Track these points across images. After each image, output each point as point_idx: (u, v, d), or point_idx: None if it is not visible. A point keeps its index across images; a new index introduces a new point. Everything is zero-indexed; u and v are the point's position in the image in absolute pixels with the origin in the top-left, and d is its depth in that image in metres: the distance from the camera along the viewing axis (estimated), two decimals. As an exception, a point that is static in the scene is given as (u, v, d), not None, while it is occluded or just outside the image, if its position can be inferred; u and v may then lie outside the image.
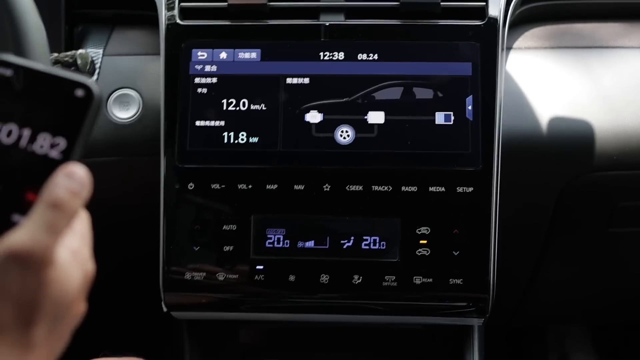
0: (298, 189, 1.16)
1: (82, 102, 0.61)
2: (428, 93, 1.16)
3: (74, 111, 0.61)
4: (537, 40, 1.32)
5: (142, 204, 1.24)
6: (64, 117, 0.61)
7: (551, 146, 1.23)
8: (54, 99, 0.62)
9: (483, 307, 1.17)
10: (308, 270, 1.16)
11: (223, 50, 1.19)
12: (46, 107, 0.62)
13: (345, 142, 1.15)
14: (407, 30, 1.19)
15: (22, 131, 0.61)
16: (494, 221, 1.15)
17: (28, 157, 0.61)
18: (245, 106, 1.17)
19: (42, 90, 0.62)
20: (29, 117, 0.61)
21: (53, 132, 0.61)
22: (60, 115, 0.62)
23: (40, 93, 0.62)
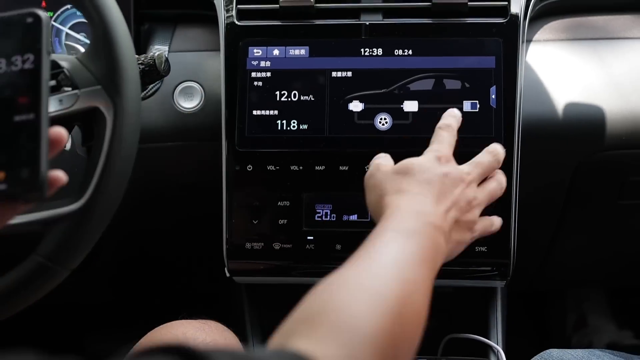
0: (343, 169, 1.26)
1: (34, 25, 0.73)
2: (456, 84, 1.26)
3: (30, 33, 0.73)
4: (554, 33, 1.41)
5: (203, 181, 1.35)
6: (24, 40, 0.73)
7: (566, 128, 1.32)
8: (14, 31, 0.73)
9: (505, 271, 1.27)
10: (352, 240, 1.21)
11: (276, 48, 1.29)
12: (10, 39, 0.73)
13: (384, 128, 1.26)
14: (438, 28, 1.28)
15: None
16: (514, 196, 1.25)
17: (10, 75, 0.72)
18: (296, 97, 1.27)
19: (4, 28, 0.74)
20: (1, 49, 0.73)
21: (22, 52, 0.72)
22: (22, 40, 0.73)
23: (3, 31, 0.74)
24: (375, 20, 1.30)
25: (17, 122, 0.70)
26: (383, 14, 1.31)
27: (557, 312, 1.99)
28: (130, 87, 0.97)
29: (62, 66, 0.96)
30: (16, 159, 0.70)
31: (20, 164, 0.70)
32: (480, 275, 1.29)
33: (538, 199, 1.40)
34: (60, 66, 0.95)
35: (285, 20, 1.31)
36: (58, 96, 0.94)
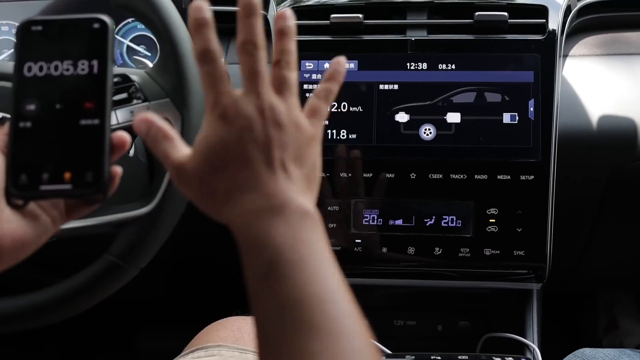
0: (389, 177, 1.32)
1: (101, 31, 0.73)
2: (497, 97, 1.31)
3: (97, 39, 0.73)
4: (590, 48, 1.46)
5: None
6: (91, 45, 0.73)
7: (600, 139, 1.36)
8: (80, 35, 0.73)
9: (541, 274, 1.33)
10: (397, 243, 1.33)
11: (326, 62, 1.34)
12: (77, 42, 0.73)
13: (428, 138, 1.32)
14: (480, 44, 1.34)
15: (65, 63, 0.73)
16: (551, 203, 1.30)
17: (76, 79, 0.73)
18: (346, 108, 1.34)
19: (70, 32, 0.73)
20: (66, 52, 0.73)
21: (87, 57, 0.73)
22: (88, 45, 0.73)
23: (69, 34, 0.73)
24: (420, 36, 1.35)
25: (83, 126, 0.72)
26: (428, 30, 1.36)
27: (589, 314, 2.03)
28: (196, 100, 1.04)
29: (133, 80, 1.03)
30: (81, 161, 0.73)
31: (85, 167, 0.72)
32: (517, 278, 1.35)
33: (573, 205, 1.44)
34: (131, 80, 1.03)
35: (335, 36, 1.37)
36: (129, 107, 1.01)
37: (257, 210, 0.69)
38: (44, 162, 0.72)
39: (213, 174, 0.72)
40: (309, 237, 0.70)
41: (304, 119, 0.77)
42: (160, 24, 1.03)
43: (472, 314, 1.52)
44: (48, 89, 0.74)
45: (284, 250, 0.67)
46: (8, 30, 1.49)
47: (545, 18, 1.34)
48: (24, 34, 0.75)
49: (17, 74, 0.74)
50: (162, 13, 1.03)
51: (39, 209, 0.74)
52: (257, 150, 0.72)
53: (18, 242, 0.72)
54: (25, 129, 0.73)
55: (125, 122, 0.99)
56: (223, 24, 1.48)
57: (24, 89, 0.74)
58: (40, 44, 0.75)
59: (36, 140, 0.73)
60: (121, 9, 1.04)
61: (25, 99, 0.74)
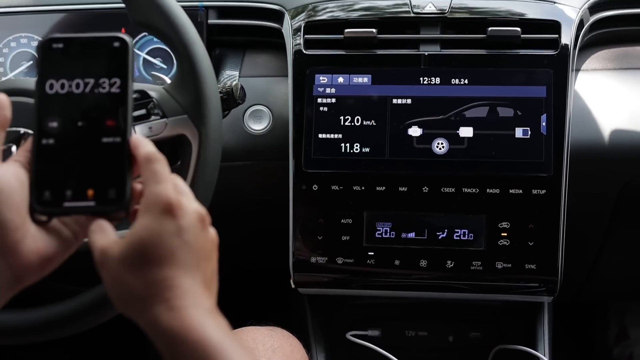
0: (402, 190, 1.33)
1: (121, 50, 0.76)
2: (509, 112, 1.32)
3: (118, 57, 0.75)
4: (602, 62, 1.46)
5: (270, 199, 1.44)
6: (112, 63, 0.75)
7: (611, 153, 1.37)
8: (101, 54, 0.75)
9: (553, 288, 1.34)
10: (410, 256, 1.33)
11: (340, 75, 1.36)
12: (98, 60, 0.75)
13: (441, 152, 1.33)
14: (493, 59, 1.34)
15: (87, 81, 0.75)
16: (562, 217, 1.31)
17: (97, 97, 0.75)
18: (359, 122, 1.35)
19: (91, 50, 0.76)
20: (88, 70, 0.75)
21: (109, 76, 0.75)
22: (109, 63, 0.75)
23: (90, 53, 0.76)
24: (433, 50, 1.37)
25: (105, 144, 0.74)
26: (441, 44, 1.37)
27: (599, 324, 2.03)
28: (214, 116, 1.05)
29: (152, 96, 1.04)
30: (104, 178, 0.74)
31: (108, 184, 0.74)
32: (529, 291, 1.36)
33: (585, 217, 1.45)
34: (149, 96, 1.04)
35: (349, 50, 1.39)
36: (148, 123, 1.02)
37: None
38: (67, 179, 0.74)
39: (135, 265, 0.70)
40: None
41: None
42: (178, 42, 1.04)
43: (483, 325, 1.53)
44: (70, 107, 0.76)
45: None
46: (27, 42, 1.51)
47: (558, 33, 1.35)
48: (45, 51, 0.77)
49: (39, 91, 0.76)
50: (181, 31, 1.04)
51: (61, 224, 0.76)
52: (189, 254, 0.72)
53: (44, 258, 0.74)
54: (48, 146, 0.75)
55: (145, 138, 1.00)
56: (237, 36, 1.52)
57: (46, 106, 0.76)
58: (62, 61, 0.76)
59: (59, 157, 0.75)
60: (140, 27, 1.05)
61: (48, 116, 0.75)
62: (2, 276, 0.71)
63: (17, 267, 0.71)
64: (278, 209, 1.38)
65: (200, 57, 1.06)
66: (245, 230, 1.54)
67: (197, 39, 1.06)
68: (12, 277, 0.72)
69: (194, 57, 1.05)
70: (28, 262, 0.72)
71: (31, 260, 0.72)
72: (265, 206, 1.48)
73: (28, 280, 0.74)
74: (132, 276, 0.70)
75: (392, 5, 1.42)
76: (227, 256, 1.63)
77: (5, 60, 1.53)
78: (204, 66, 1.06)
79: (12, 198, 0.71)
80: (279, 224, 1.38)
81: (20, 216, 0.72)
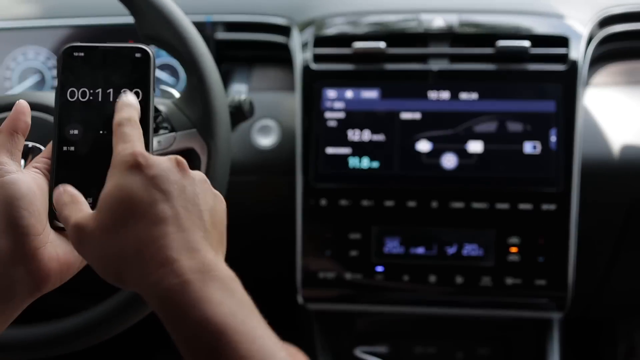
0: (411, 205, 1.33)
1: (143, 60, 0.76)
2: (518, 126, 1.32)
3: (139, 68, 0.76)
4: (612, 77, 1.46)
5: (278, 213, 1.43)
6: (133, 74, 0.76)
7: (621, 168, 1.36)
8: (122, 64, 0.76)
9: (563, 304, 1.34)
10: (418, 271, 1.33)
11: (349, 90, 1.36)
12: (119, 70, 0.76)
13: (450, 167, 1.32)
14: (501, 73, 1.34)
15: (108, 91, 0.75)
16: (572, 233, 1.31)
17: None
18: (367, 136, 1.34)
19: (112, 60, 0.76)
20: (109, 80, 0.75)
21: (131, 86, 0.75)
22: (130, 74, 0.76)
23: (111, 62, 0.76)
24: (442, 64, 1.37)
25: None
26: (450, 59, 1.37)
27: (608, 341, 2.01)
28: (222, 130, 1.05)
29: (160, 110, 1.04)
30: None
31: None
32: (539, 307, 1.36)
33: (594, 233, 1.44)
34: (158, 110, 1.04)
35: (358, 64, 1.38)
36: (157, 137, 1.02)
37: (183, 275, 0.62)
38: (88, 186, 0.74)
39: (117, 230, 0.65)
40: (246, 299, 0.64)
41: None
42: (187, 56, 1.05)
43: (492, 341, 1.52)
44: (92, 115, 0.76)
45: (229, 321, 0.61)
46: (34, 56, 1.51)
47: (567, 48, 1.35)
48: (67, 59, 0.77)
49: (60, 98, 0.76)
50: (190, 45, 1.04)
51: None
52: (172, 203, 0.65)
53: (64, 265, 0.74)
54: (68, 153, 0.75)
55: (154, 152, 1.00)
56: (244, 51, 1.52)
57: (67, 114, 0.76)
58: (83, 70, 0.77)
59: (80, 164, 0.75)
60: (149, 41, 1.05)
61: (69, 124, 0.76)
62: (22, 282, 0.71)
63: (37, 273, 0.71)
64: (286, 224, 1.38)
65: (209, 71, 1.06)
66: (251, 244, 1.53)
67: (206, 53, 1.06)
68: (32, 283, 0.72)
69: (203, 71, 1.05)
70: (48, 269, 0.72)
71: (51, 266, 0.72)
72: (272, 221, 1.47)
73: (47, 287, 0.73)
74: (115, 241, 0.64)
75: (401, 20, 1.42)
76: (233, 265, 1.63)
77: (12, 75, 1.53)
78: (213, 80, 1.06)
79: (33, 205, 0.71)
80: (287, 239, 1.38)
81: (41, 223, 0.72)
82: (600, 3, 1.45)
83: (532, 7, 1.43)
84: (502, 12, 1.43)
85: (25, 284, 0.72)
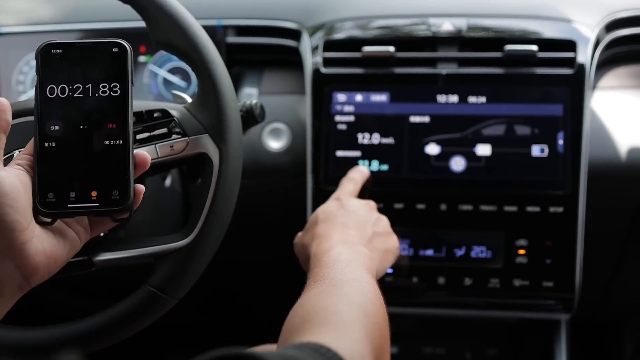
0: (420, 207, 1.34)
1: (120, 55, 0.78)
2: (526, 130, 1.33)
3: (117, 62, 0.78)
4: (619, 80, 1.47)
5: (288, 215, 1.44)
6: (111, 68, 0.77)
7: (628, 171, 1.37)
8: (100, 59, 0.78)
9: (570, 305, 1.35)
10: (428, 273, 1.35)
11: (358, 93, 1.37)
12: (97, 65, 0.77)
13: (458, 170, 1.34)
14: (509, 77, 1.36)
15: (87, 86, 0.77)
16: (580, 235, 1.32)
17: (98, 101, 0.77)
18: (377, 140, 1.36)
19: (90, 55, 0.78)
20: (88, 75, 0.77)
21: (108, 80, 0.77)
22: (109, 68, 0.77)
23: (89, 58, 0.78)
24: (451, 68, 1.38)
25: (107, 146, 0.77)
26: (458, 63, 1.39)
27: (615, 341, 2.02)
28: (234, 134, 1.06)
29: (173, 115, 1.05)
30: (107, 180, 0.77)
31: (111, 185, 0.76)
32: (546, 309, 1.37)
33: (601, 235, 1.45)
34: (171, 115, 1.05)
35: (367, 68, 1.40)
36: (169, 142, 1.03)
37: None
38: (71, 181, 0.77)
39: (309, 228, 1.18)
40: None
41: None
42: (199, 61, 1.05)
43: (500, 342, 1.53)
44: (71, 111, 0.78)
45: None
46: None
47: (574, 52, 1.36)
48: (45, 56, 0.79)
49: (40, 95, 0.78)
50: (201, 50, 1.04)
51: (64, 225, 0.79)
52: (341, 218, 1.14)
53: (51, 258, 0.76)
54: (50, 149, 0.77)
55: (165, 156, 1.01)
56: (255, 55, 1.53)
57: (47, 110, 0.78)
58: (61, 66, 0.78)
59: (62, 159, 0.77)
60: (161, 46, 1.06)
61: (49, 120, 0.77)
62: (11, 277, 0.73)
63: (25, 267, 0.73)
64: (296, 226, 1.37)
65: (221, 76, 1.07)
66: (262, 247, 1.55)
67: (217, 58, 1.07)
68: (21, 278, 0.74)
69: (215, 76, 1.06)
70: (35, 263, 0.74)
71: (38, 260, 0.74)
72: (283, 223, 1.48)
73: (36, 281, 0.76)
74: (307, 236, 1.15)
75: (410, 24, 1.43)
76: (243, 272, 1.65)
77: (25, 78, 1.54)
78: (224, 85, 1.07)
79: (17, 201, 0.73)
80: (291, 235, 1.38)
81: (26, 218, 0.73)
82: (607, 7, 1.46)
83: (540, 12, 1.44)
84: (510, 17, 1.44)
85: (14, 278, 0.74)
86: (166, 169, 1.23)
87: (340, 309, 0.79)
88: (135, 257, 1.02)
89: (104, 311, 1.02)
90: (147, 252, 1.02)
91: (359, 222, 1.13)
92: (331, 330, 0.74)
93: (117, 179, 0.77)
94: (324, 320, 0.77)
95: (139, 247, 1.02)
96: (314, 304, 0.82)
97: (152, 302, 1.02)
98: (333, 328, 0.75)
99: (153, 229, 1.21)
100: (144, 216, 1.16)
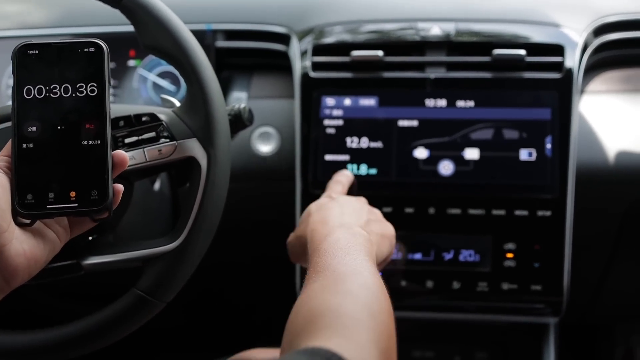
0: (408, 211, 1.35)
1: (96, 55, 0.77)
2: (514, 134, 1.33)
3: (93, 62, 0.77)
4: (607, 84, 1.47)
5: (278, 219, 1.44)
6: (88, 68, 0.77)
7: (617, 175, 1.38)
8: (76, 59, 0.77)
9: (558, 308, 1.35)
10: (416, 277, 1.35)
11: (347, 97, 1.38)
12: (74, 65, 0.77)
13: (447, 173, 1.34)
14: (498, 81, 1.36)
15: (64, 86, 0.76)
16: (568, 239, 1.32)
17: (75, 101, 0.77)
18: (366, 144, 1.36)
19: (66, 56, 0.77)
20: (64, 75, 0.76)
21: (85, 80, 0.77)
22: (85, 68, 0.77)
23: (65, 58, 0.77)
24: (439, 72, 1.38)
25: (85, 146, 0.76)
26: (446, 67, 1.39)
27: (605, 345, 2.02)
28: (222, 138, 1.06)
29: (161, 119, 1.05)
30: (86, 180, 0.76)
31: (90, 185, 0.76)
32: (535, 312, 1.37)
33: (590, 238, 1.46)
34: (159, 119, 1.05)
35: (356, 72, 1.40)
36: (157, 146, 1.03)
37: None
38: (49, 182, 0.76)
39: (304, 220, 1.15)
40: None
41: None
42: (187, 65, 1.05)
43: (489, 346, 1.53)
44: (49, 111, 0.77)
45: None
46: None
47: (562, 56, 1.37)
48: (21, 57, 0.78)
49: (16, 96, 0.78)
50: (189, 54, 1.04)
51: (44, 226, 0.78)
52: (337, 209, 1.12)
53: (31, 260, 0.75)
54: (28, 150, 0.77)
55: (153, 160, 1.01)
56: (244, 59, 1.53)
57: (24, 111, 0.77)
58: (38, 67, 0.78)
59: (40, 160, 0.77)
60: (150, 50, 1.06)
61: (27, 121, 0.77)
62: None
63: (5, 270, 0.73)
64: (286, 230, 1.37)
65: (209, 79, 1.07)
66: (252, 249, 1.55)
67: (205, 62, 1.07)
68: (1, 279, 0.73)
69: (203, 80, 1.06)
70: (15, 265, 0.73)
71: (18, 262, 0.74)
72: (273, 226, 1.48)
73: (16, 283, 0.75)
74: (301, 226, 1.13)
75: (399, 29, 1.43)
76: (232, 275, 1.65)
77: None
78: (212, 89, 1.07)
79: None
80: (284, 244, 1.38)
81: (5, 220, 0.73)
82: (595, 12, 1.47)
83: (528, 16, 1.45)
84: (498, 21, 1.44)
85: None
86: (155, 173, 1.23)
87: (345, 311, 0.78)
88: (123, 261, 1.02)
89: (92, 315, 1.02)
90: (135, 255, 1.02)
91: (354, 208, 1.12)
92: (337, 336, 0.74)
93: (96, 179, 0.77)
94: (329, 324, 0.75)
95: (127, 251, 1.02)
96: (318, 304, 0.80)
97: (141, 306, 1.02)
98: (339, 333, 0.74)
99: (142, 233, 1.21)
100: (132, 220, 1.16)
